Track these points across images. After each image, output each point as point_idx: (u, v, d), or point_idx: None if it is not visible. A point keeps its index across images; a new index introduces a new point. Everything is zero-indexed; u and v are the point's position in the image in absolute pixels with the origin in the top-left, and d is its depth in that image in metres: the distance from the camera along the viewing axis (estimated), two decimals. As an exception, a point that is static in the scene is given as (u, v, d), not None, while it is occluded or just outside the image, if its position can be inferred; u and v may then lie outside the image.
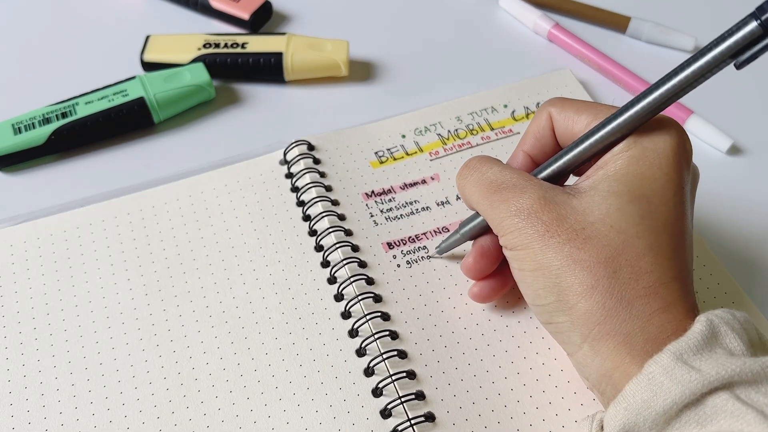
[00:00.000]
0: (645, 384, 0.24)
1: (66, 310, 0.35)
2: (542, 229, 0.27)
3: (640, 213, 0.26)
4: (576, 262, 0.26)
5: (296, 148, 0.41)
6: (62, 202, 0.39)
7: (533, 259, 0.27)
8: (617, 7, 0.51)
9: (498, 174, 0.30)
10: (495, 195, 0.29)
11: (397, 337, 0.33)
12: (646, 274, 0.26)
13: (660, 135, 0.27)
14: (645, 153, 0.27)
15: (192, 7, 0.51)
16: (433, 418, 0.31)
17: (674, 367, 0.23)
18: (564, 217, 0.27)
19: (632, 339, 0.25)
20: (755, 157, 0.43)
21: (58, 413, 0.32)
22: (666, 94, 0.26)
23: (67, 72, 0.48)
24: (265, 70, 0.46)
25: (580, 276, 0.26)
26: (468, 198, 0.31)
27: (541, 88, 0.45)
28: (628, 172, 0.27)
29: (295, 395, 0.32)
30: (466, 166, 0.31)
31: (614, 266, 0.26)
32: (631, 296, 0.25)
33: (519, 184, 0.29)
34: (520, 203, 0.28)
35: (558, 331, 0.28)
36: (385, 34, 0.51)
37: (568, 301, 0.26)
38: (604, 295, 0.26)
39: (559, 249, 0.26)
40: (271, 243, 0.37)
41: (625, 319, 0.25)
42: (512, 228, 0.28)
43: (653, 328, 0.25)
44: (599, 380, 0.26)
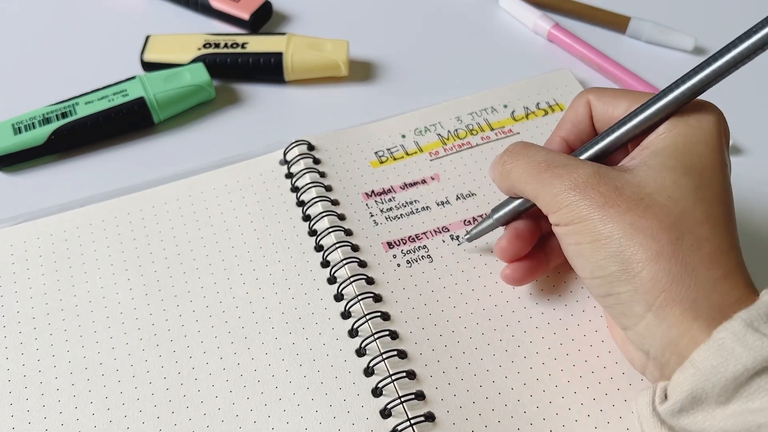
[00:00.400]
0: (715, 350, 0.24)
1: (66, 310, 0.35)
2: (601, 201, 0.27)
3: (694, 185, 0.27)
4: (638, 230, 0.26)
5: (296, 148, 0.41)
6: (62, 202, 0.39)
7: (593, 230, 0.27)
8: (617, 7, 0.51)
9: (546, 155, 0.30)
10: (546, 173, 0.29)
11: (397, 337, 0.33)
12: (707, 241, 0.26)
13: (703, 114, 0.28)
14: (691, 131, 0.28)
15: (192, 7, 0.51)
16: (433, 418, 0.31)
17: (746, 333, 0.24)
18: (621, 188, 0.27)
19: (698, 305, 0.25)
20: (755, 157, 0.43)
21: (58, 413, 0.32)
22: (709, 77, 0.27)
23: (67, 72, 0.48)
24: (265, 70, 0.46)
25: (644, 243, 0.26)
26: (513, 181, 0.31)
27: (541, 88, 0.45)
28: (678, 148, 0.27)
29: (295, 395, 0.32)
30: (510, 152, 0.31)
31: (677, 233, 0.26)
32: (695, 263, 0.26)
33: (570, 163, 0.29)
34: (575, 177, 0.28)
35: (619, 302, 0.27)
36: (385, 34, 0.51)
37: (632, 270, 0.26)
38: (669, 261, 0.25)
39: (620, 218, 0.26)
40: (271, 243, 0.37)
41: (691, 285, 0.25)
42: (568, 201, 0.28)
43: (717, 295, 0.25)
44: (663, 350, 0.26)
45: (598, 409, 0.31)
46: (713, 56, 0.27)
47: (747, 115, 0.46)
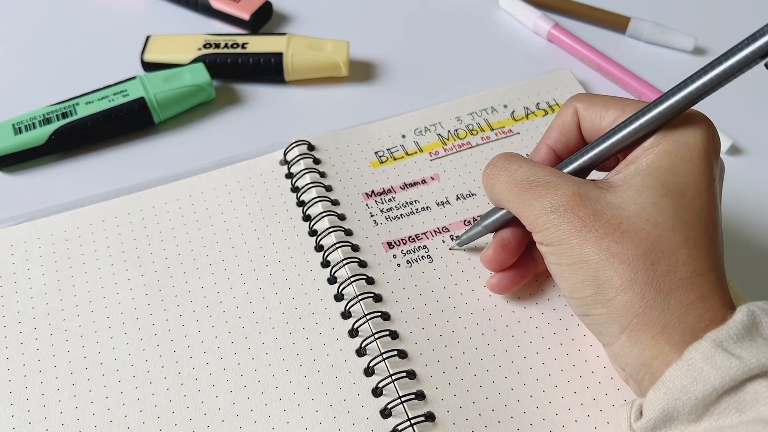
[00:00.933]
0: (685, 370, 0.24)
1: (66, 310, 0.35)
2: (579, 225, 0.27)
3: (674, 206, 0.27)
4: (615, 256, 0.26)
5: (296, 148, 0.41)
6: (62, 202, 0.39)
7: (571, 253, 0.27)
8: (617, 7, 0.51)
9: (528, 172, 0.30)
10: (527, 193, 0.29)
11: (397, 337, 0.33)
12: (683, 265, 0.26)
13: (690, 129, 0.28)
14: (677, 146, 0.28)
15: (192, 7, 0.51)
16: (433, 418, 0.31)
17: (714, 353, 0.24)
18: (600, 212, 0.27)
19: (671, 329, 0.26)
20: (755, 157, 0.43)
21: (59, 413, 0.32)
22: (697, 92, 0.27)
23: (67, 72, 0.48)
24: (266, 70, 0.46)
25: (619, 269, 0.26)
26: (497, 196, 0.31)
27: (541, 88, 0.45)
28: (661, 166, 0.27)
29: (295, 395, 0.32)
30: (493, 165, 0.31)
31: (652, 259, 0.26)
32: (669, 287, 0.26)
33: (551, 181, 0.29)
34: (554, 200, 0.28)
35: (595, 323, 0.28)
36: (385, 34, 0.51)
37: (607, 294, 0.27)
38: (643, 287, 0.26)
39: (597, 243, 0.27)
40: (271, 243, 0.37)
41: (664, 309, 0.26)
42: (548, 224, 0.28)
43: (691, 318, 0.26)
44: (637, 370, 0.27)
45: (598, 409, 0.32)
46: (704, 68, 0.26)
47: (747, 115, 0.46)
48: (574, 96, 0.32)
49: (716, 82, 0.26)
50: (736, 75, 0.26)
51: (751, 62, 0.25)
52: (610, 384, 0.32)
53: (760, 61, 0.25)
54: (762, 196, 0.41)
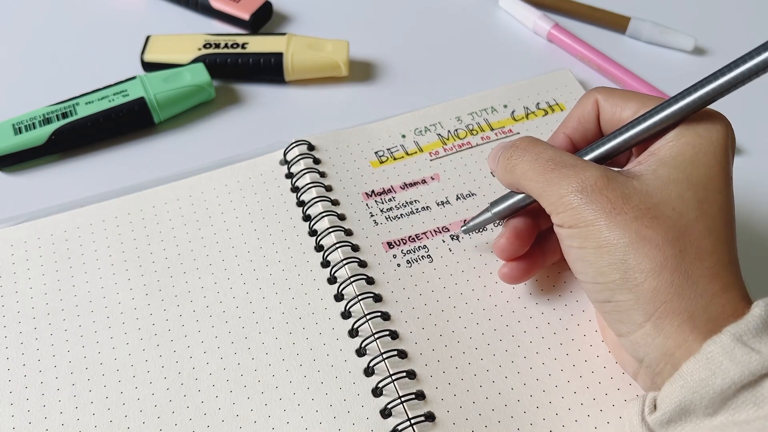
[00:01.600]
0: (703, 363, 0.24)
1: (66, 309, 0.35)
2: (608, 206, 0.27)
3: (698, 199, 0.27)
4: (644, 240, 0.26)
5: (296, 148, 0.41)
6: (62, 202, 0.39)
7: (598, 236, 0.27)
8: (617, 7, 0.51)
9: (554, 154, 0.30)
10: (553, 172, 0.29)
11: (397, 337, 0.33)
12: (709, 255, 0.26)
13: (712, 125, 0.28)
14: (700, 140, 0.28)
15: (192, 7, 0.51)
16: (433, 418, 0.31)
17: (734, 347, 0.24)
18: (629, 196, 0.27)
19: (696, 318, 0.25)
20: (755, 157, 0.43)
21: (59, 413, 0.32)
22: (723, 86, 0.27)
23: (67, 72, 0.48)
24: (266, 70, 0.46)
25: (649, 253, 0.26)
26: (518, 177, 0.30)
27: (541, 88, 0.45)
28: (685, 159, 0.27)
29: (295, 395, 0.32)
30: (516, 146, 0.31)
31: (680, 246, 0.26)
32: (696, 275, 0.26)
33: (578, 164, 0.29)
34: (582, 179, 0.28)
35: (618, 310, 0.27)
36: (385, 34, 0.51)
37: (635, 279, 0.26)
38: (673, 273, 0.26)
39: (626, 226, 0.26)
40: (271, 243, 0.37)
41: (691, 297, 0.26)
42: (574, 204, 0.28)
43: (715, 308, 0.26)
44: (658, 360, 0.26)
45: (598, 409, 0.32)
46: (728, 66, 0.27)
47: (747, 115, 0.46)
48: (595, 88, 0.32)
49: (744, 77, 0.26)
50: (760, 74, 0.26)
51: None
52: (610, 384, 0.32)
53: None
54: (762, 196, 0.41)
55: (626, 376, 0.32)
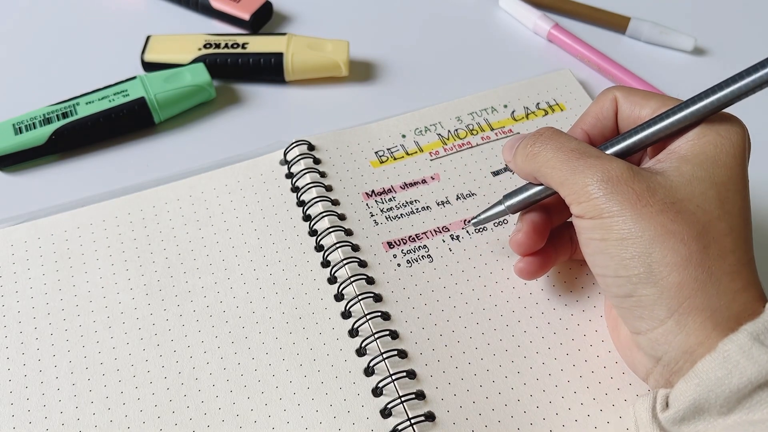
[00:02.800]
0: (720, 362, 0.24)
1: (67, 309, 0.35)
2: (634, 198, 0.27)
3: (719, 198, 0.27)
4: (670, 233, 0.26)
5: (296, 148, 0.41)
6: (62, 202, 0.39)
7: (622, 227, 0.27)
8: (617, 7, 0.51)
9: (578, 144, 0.29)
10: (578, 161, 0.28)
11: (397, 337, 0.33)
12: (731, 253, 0.26)
13: (731, 126, 0.28)
14: (721, 140, 0.28)
15: (192, 7, 0.51)
16: (433, 418, 0.31)
17: (751, 346, 0.24)
18: (654, 189, 0.27)
19: (718, 315, 0.25)
20: (755, 158, 0.43)
21: (59, 413, 0.32)
22: (745, 87, 0.27)
23: (67, 72, 0.48)
24: (266, 70, 0.46)
25: (674, 247, 0.26)
26: (539, 165, 0.30)
27: (541, 88, 0.45)
28: (708, 157, 0.27)
29: (296, 395, 0.32)
30: (540, 134, 0.30)
31: (705, 242, 0.26)
32: (719, 272, 0.26)
33: (603, 155, 0.28)
34: (608, 170, 0.27)
35: (639, 305, 0.27)
36: (385, 34, 0.51)
37: (659, 273, 0.26)
38: (697, 268, 0.26)
39: (652, 218, 0.26)
40: (271, 243, 0.37)
41: (714, 294, 0.25)
42: (599, 193, 0.27)
43: (737, 305, 0.26)
44: (677, 358, 0.26)
45: (598, 409, 0.32)
46: (748, 69, 0.27)
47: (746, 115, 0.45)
48: (614, 86, 0.32)
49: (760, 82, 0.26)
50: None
51: None
52: (610, 384, 0.32)
53: None
54: (762, 197, 0.41)
55: (626, 376, 0.32)
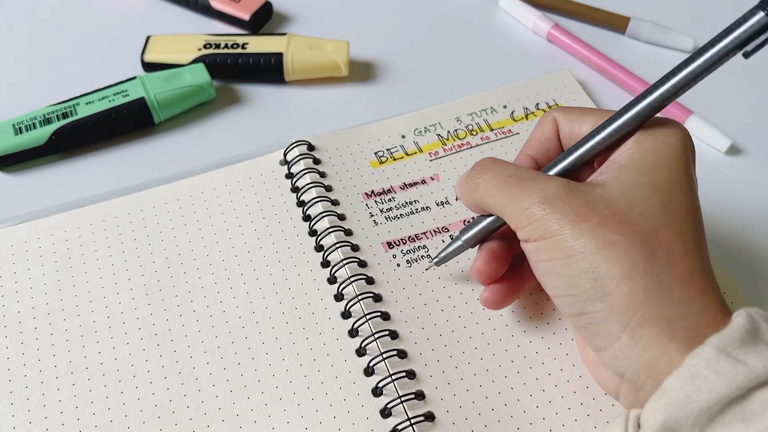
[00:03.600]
0: (687, 378, 0.23)
1: (67, 309, 0.35)
2: (572, 215, 0.26)
3: (663, 202, 0.26)
4: (612, 245, 0.25)
5: (296, 148, 0.41)
6: (62, 202, 0.39)
7: (564, 245, 0.26)
8: (617, 7, 0.51)
9: (515, 170, 0.29)
10: (515, 186, 0.28)
11: (396, 337, 0.33)
12: (680, 259, 0.25)
13: (670, 130, 0.28)
14: (659, 145, 0.27)
15: (192, 7, 0.51)
16: (433, 418, 0.31)
17: (719, 360, 0.23)
18: (592, 202, 0.27)
19: (674, 325, 0.24)
20: (755, 157, 0.43)
21: (59, 413, 0.32)
22: (677, 84, 0.27)
23: (67, 72, 0.48)
24: (266, 70, 0.46)
25: (618, 259, 0.25)
26: (481, 195, 0.30)
27: (541, 88, 0.45)
28: (648, 164, 0.27)
29: (296, 395, 0.32)
30: (479, 166, 0.31)
31: (650, 250, 0.25)
32: (669, 280, 0.25)
33: (539, 177, 0.28)
34: (544, 191, 0.27)
35: (592, 322, 0.26)
36: (385, 34, 0.51)
37: (607, 287, 0.25)
38: (644, 278, 0.25)
39: (592, 232, 0.26)
40: (271, 243, 0.37)
41: (666, 303, 0.25)
42: (538, 216, 0.27)
43: (693, 314, 0.25)
44: (638, 373, 0.25)
45: (598, 409, 0.32)
46: (684, 62, 0.27)
47: (747, 115, 0.46)
48: (554, 109, 0.32)
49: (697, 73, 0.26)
50: (716, 66, 0.26)
51: (729, 52, 0.26)
52: (610, 384, 0.32)
53: (737, 51, 0.26)
54: (762, 197, 0.41)
55: (626, 376, 0.32)
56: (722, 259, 0.37)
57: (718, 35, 0.26)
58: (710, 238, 0.38)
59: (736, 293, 0.36)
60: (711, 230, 0.39)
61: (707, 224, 0.39)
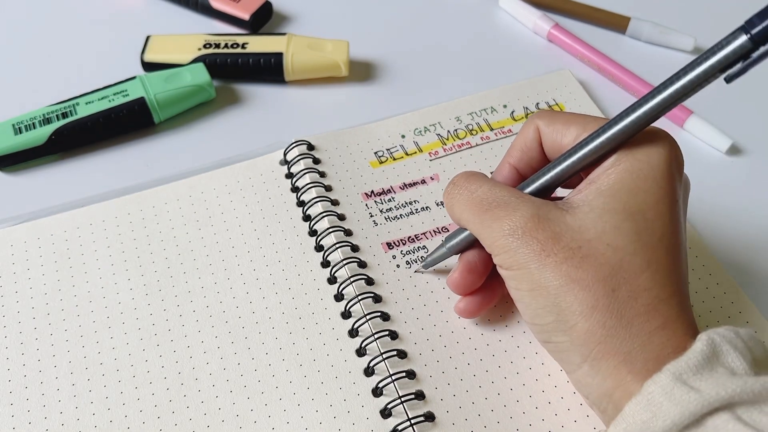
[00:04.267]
0: (644, 404, 0.24)
1: (66, 310, 0.35)
2: (538, 249, 0.27)
3: (636, 229, 0.26)
4: (574, 282, 0.26)
5: (296, 148, 0.41)
6: (62, 202, 0.39)
7: (530, 279, 0.27)
8: (617, 7, 0.51)
9: (488, 192, 0.29)
10: (486, 214, 0.28)
11: (396, 337, 0.33)
12: (645, 291, 0.26)
13: (652, 147, 0.27)
14: (639, 165, 0.27)
15: (192, 7, 0.51)
16: (433, 418, 0.31)
17: (673, 387, 0.23)
18: (559, 235, 0.27)
19: (633, 357, 0.25)
20: (755, 157, 0.43)
21: (59, 413, 0.32)
22: (657, 107, 0.26)
23: (67, 72, 0.48)
24: (266, 70, 0.46)
25: (579, 296, 0.26)
26: (457, 217, 0.31)
27: (541, 88, 0.45)
28: (623, 187, 0.27)
29: (295, 395, 0.32)
30: (453, 183, 0.31)
31: (613, 284, 0.26)
32: (630, 315, 0.25)
33: (511, 202, 0.28)
34: (513, 222, 0.27)
35: (557, 350, 0.27)
36: (385, 34, 0.51)
37: (568, 321, 0.26)
38: (604, 314, 0.25)
39: (556, 268, 0.26)
40: (271, 243, 0.37)
41: (626, 337, 0.25)
42: (506, 248, 0.27)
43: (654, 346, 0.25)
44: (600, 399, 0.26)
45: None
46: (665, 83, 0.26)
47: (747, 115, 0.46)
48: (536, 113, 0.31)
49: (677, 97, 0.26)
50: (696, 90, 0.25)
51: (710, 77, 0.25)
52: (610, 384, 0.32)
53: (719, 75, 0.25)
54: (762, 197, 0.41)
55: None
56: (721, 258, 0.37)
57: (699, 57, 0.25)
58: (709, 237, 0.39)
59: (737, 293, 0.36)
60: (711, 230, 0.39)
61: (707, 224, 0.39)
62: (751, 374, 0.24)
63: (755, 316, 0.35)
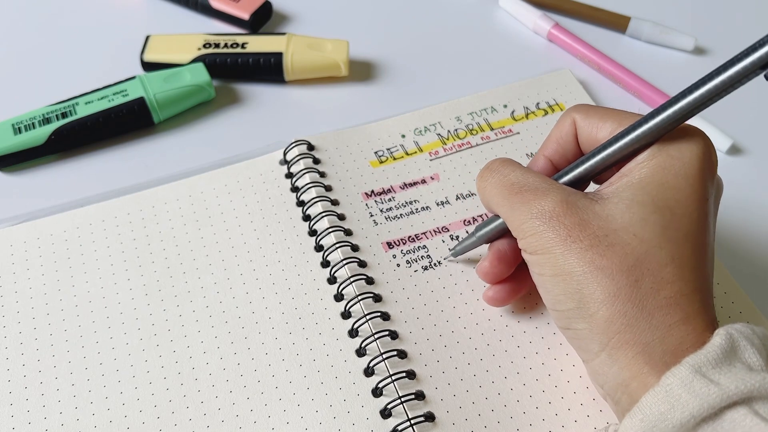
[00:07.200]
0: (662, 396, 0.24)
1: (66, 310, 0.35)
2: (564, 234, 0.27)
3: (662, 223, 0.26)
4: (598, 269, 0.26)
5: (296, 148, 0.41)
6: (62, 202, 0.39)
7: (554, 263, 0.27)
8: (617, 7, 0.51)
9: (520, 176, 0.29)
10: (516, 196, 0.29)
11: (396, 337, 0.33)
12: (668, 284, 0.26)
13: (686, 144, 0.27)
14: (671, 162, 0.27)
15: (192, 7, 0.51)
16: (433, 418, 0.31)
17: (693, 379, 0.23)
18: (586, 222, 0.27)
19: (651, 349, 0.25)
20: (755, 157, 0.43)
21: (59, 413, 0.32)
22: (693, 103, 0.26)
23: (67, 72, 0.48)
24: (265, 70, 0.46)
25: (602, 283, 0.26)
26: (488, 199, 0.31)
27: (541, 88, 0.45)
28: (653, 181, 0.27)
29: (295, 395, 0.32)
30: (488, 168, 0.31)
31: (636, 275, 0.26)
32: (652, 306, 0.25)
33: (541, 187, 0.28)
34: (541, 206, 0.27)
35: (576, 338, 0.27)
36: (385, 34, 0.51)
37: (589, 309, 0.26)
38: (626, 303, 0.25)
39: (581, 255, 0.26)
40: (271, 243, 0.37)
41: (645, 328, 0.25)
42: (533, 231, 0.27)
43: (673, 339, 0.25)
44: (615, 389, 0.26)
45: (598, 410, 0.32)
46: (702, 80, 0.26)
47: (747, 115, 0.46)
48: (573, 107, 0.31)
49: (714, 93, 0.25)
50: (735, 86, 0.25)
51: (750, 73, 0.25)
52: (610, 384, 0.32)
53: (760, 72, 0.25)
54: (762, 196, 0.41)
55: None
56: (721, 258, 0.37)
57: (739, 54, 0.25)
58: (710, 238, 0.39)
59: (737, 293, 0.36)
60: (711, 230, 0.39)
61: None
62: (766, 370, 0.24)
63: (755, 316, 0.35)
